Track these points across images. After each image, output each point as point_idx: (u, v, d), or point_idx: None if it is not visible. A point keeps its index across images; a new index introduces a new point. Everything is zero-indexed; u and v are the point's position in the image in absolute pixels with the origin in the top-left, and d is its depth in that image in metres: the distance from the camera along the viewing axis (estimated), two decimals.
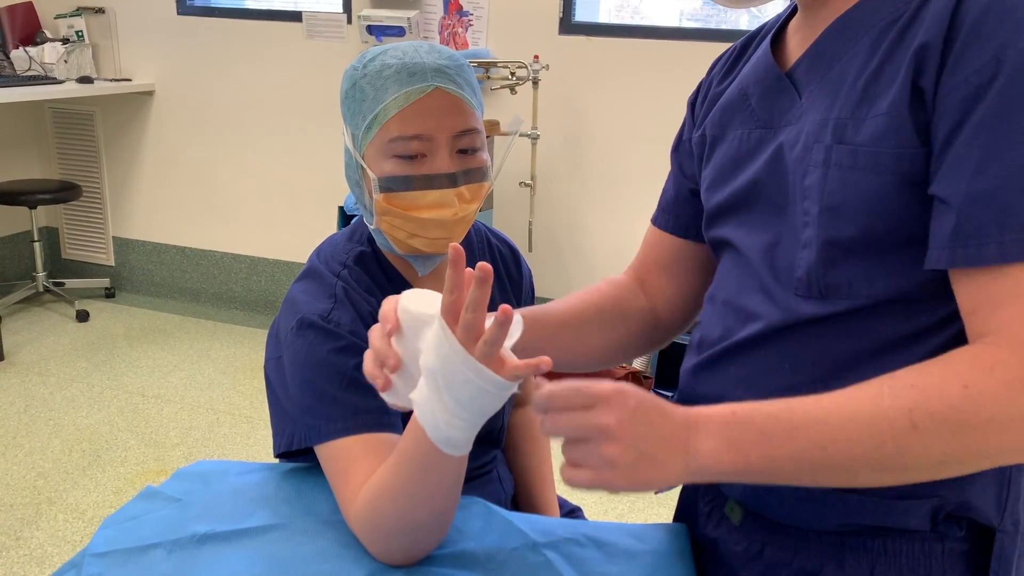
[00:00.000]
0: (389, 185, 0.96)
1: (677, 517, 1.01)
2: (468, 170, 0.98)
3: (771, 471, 0.68)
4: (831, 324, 0.76)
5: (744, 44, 0.95)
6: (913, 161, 0.69)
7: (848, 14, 0.78)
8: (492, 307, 0.73)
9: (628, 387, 0.69)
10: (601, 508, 2.53)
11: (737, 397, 0.74)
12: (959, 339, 0.70)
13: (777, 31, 0.89)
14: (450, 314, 0.71)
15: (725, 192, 0.89)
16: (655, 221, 1.07)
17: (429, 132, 0.95)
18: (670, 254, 1.04)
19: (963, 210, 0.66)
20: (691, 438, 0.69)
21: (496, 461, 1.19)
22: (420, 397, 0.76)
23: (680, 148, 1.03)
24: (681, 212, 1.03)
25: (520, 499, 1.24)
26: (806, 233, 0.77)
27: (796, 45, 0.85)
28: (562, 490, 1.49)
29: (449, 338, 0.70)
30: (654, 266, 1.06)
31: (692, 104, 1.01)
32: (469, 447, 0.78)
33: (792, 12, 0.89)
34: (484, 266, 0.67)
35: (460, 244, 1.04)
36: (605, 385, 0.68)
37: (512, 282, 1.18)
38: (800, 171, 0.78)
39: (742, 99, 0.88)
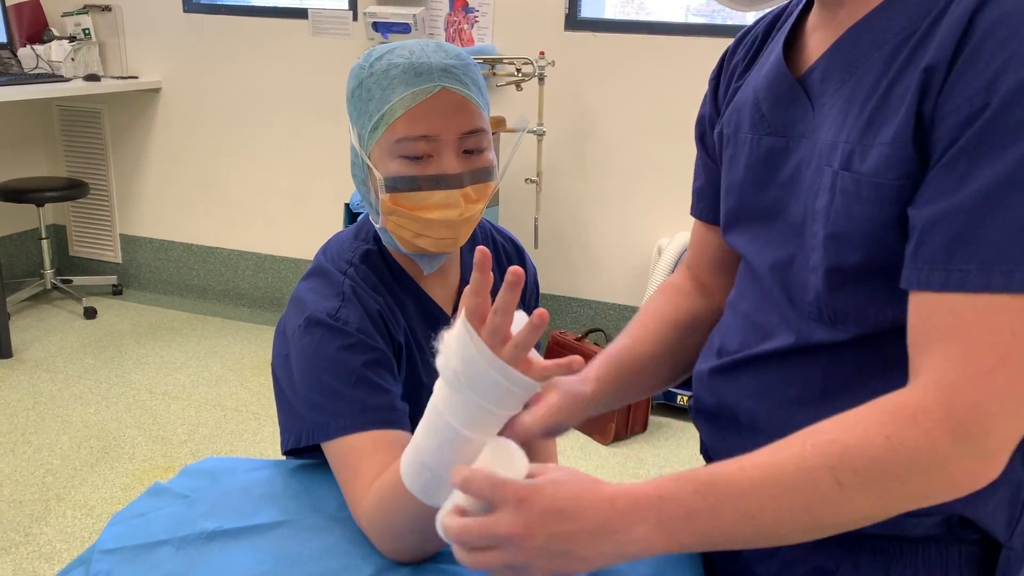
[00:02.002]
0: (395, 185, 0.96)
1: None
2: (474, 170, 0.98)
3: (705, 545, 0.68)
4: (843, 348, 0.76)
5: (767, 30, 0.91)
6: (915, 192, 0.68)
7: (863, 23, 0.75)
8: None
9: (541, 487, 0.67)
10: None
11: (748, 407, 0.73)
12: None
13: (794, 25, 0.86)
14: (475, 316, 0.70)
15: (739, 201, 0.88)
16: (693, 211, 1.03)
17: (436, 132, 0.95)
18: (720, 247, 0.99)
19: (922, 234, 0.66)
20: (620, 528, 0.67)
21: None
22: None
23: (704, 130, 0.99)
24: (718, 198, 0.97)
25: None
26: (814, 257, 0.76)
27: (814, 47, 0.81)
28: None
29: (476, 341, 0.70)
30: (708, 264, 1.03)
31: (715, 82, 0.97)
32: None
33: (809, 3, 0.85)
34: (515, 269, 0.67)
35: (468, 236, 1.05)
36: (512, 487, 0.67)
37: None
38: (813, 192, 0.76)
39: (754, 103, 0.86)
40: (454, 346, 0.72)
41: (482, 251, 0.69)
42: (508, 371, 0.70)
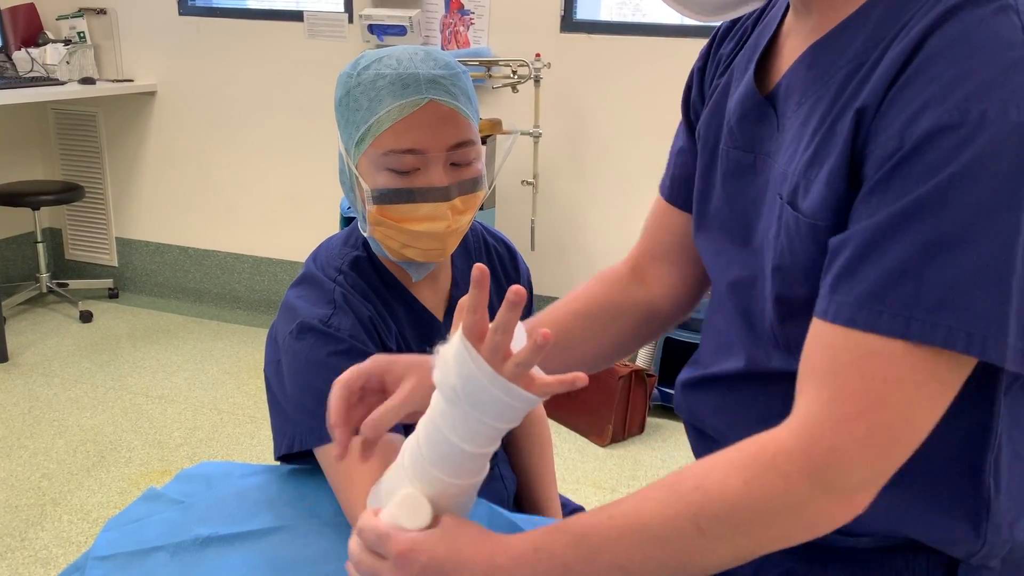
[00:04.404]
0: (382, 197, 0.96)
1: None
2: (462, 182, 0.98)
3: None
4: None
5: (754, 25, 0.88)
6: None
7: (824, 42, 0.73)
8: (490, 307, 0.72)
9: (422, 542, 0.69)
10: None
11: (714, 424, 0.74)
12: None
13: (772, 37, 0.84)
14: (473, 333, 0.70)
15: (710, 208, 0.87)
16: (663, 190, 1.01)
17: (423, 146, 0.94)
18: (679, 233, 0.98)
19: (828, 261, 0.66)
20: None
21: (498, 460, 1.19)
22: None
23: (688, 107, 0.96)
24: (688, 175, 0.95)
25: (522, 498, 1.24)
26: (766, 286, 0.76)
27: (784, 57, 0.80)
28: (563, 489, 1.49)
29: (475, 358, 0.69)
30: (657, 253, 1.01)
31: (704, 59, 0.94)
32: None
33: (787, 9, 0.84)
34: (517, 289, 0.67)
35: (456, 246, 1.04)
36: (396, 541, 0.69)
37: (510, 281, 1.18)
38: (769, 219, 0.76)
39: (726, 114, 0.85)
40: (452, 362, 0.71)
41: (480, 268, 0.69)
42: (510, 388, 0.69)
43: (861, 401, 0.63)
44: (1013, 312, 0.60)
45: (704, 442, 0.88)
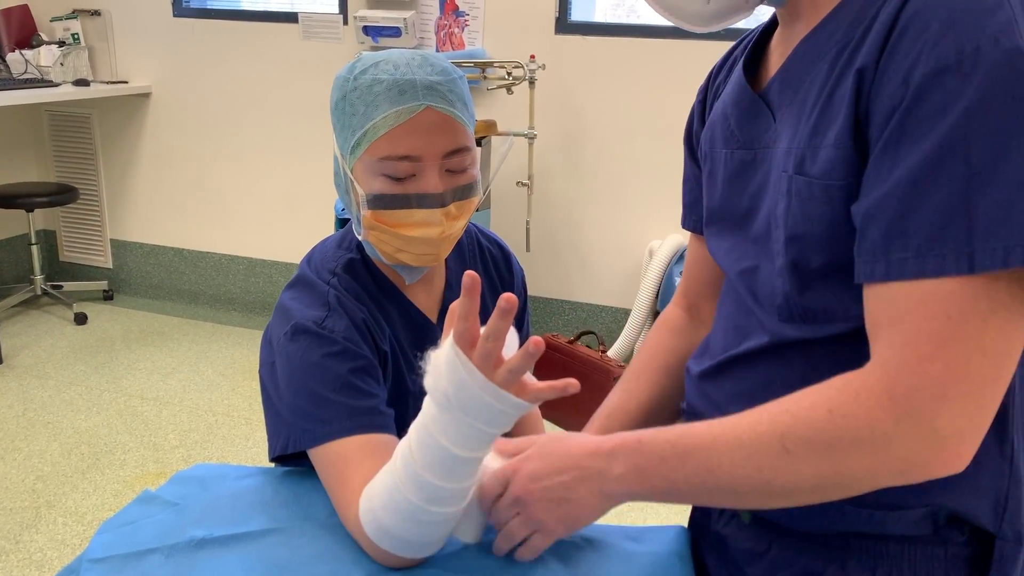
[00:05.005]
0: (377, 203, 0.96)
1: (693, 512, 1.02)
2: (457, 188, 0.98)
3: (672, 492, 0.76)
4: (817, 346, 0.77)
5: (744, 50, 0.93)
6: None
7: (811, 36, 0.77)
8: (483, 309, 0.72)
9: (531, 471, 0.80)
10: None
11: (733, 410, 0.74)
12: None
13: (760, 43, 0.88)
14: (464, 340, 0.70)
15: (718, 213, 0.90)
16: (684, 224, 1.05)
17: (418, 152, 0.94)
18: (711, 266, 1.02)
19: (862, 228, 0.68)
20: (603, 468, 0.77)
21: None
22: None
23: (691, 139, 1.01)
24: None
25: None
26: (779, 261, 0.78)
27: (774, 61, 0.84)
28: None
29: (466, 365, 0.70)
30: (703, 288, 1.05)
31: (703, 98, 0.99)
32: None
33: (775, 23, 0.88)
34: (508, 297, 0.67)
35: (450, 251, 1.04)
36: (517, 483, 0.80)
37: (503, 283, 1.19)
38: (774, 199, 0.78)
39: (724, 119, 0.88)
40: (443, 369, 0.71)
41: (471, 276, 0.69)
42: (501, 395, 0.69)
43: (932, 342, 0.64)
44: None
45: None
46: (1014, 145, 0.62)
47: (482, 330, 0.70)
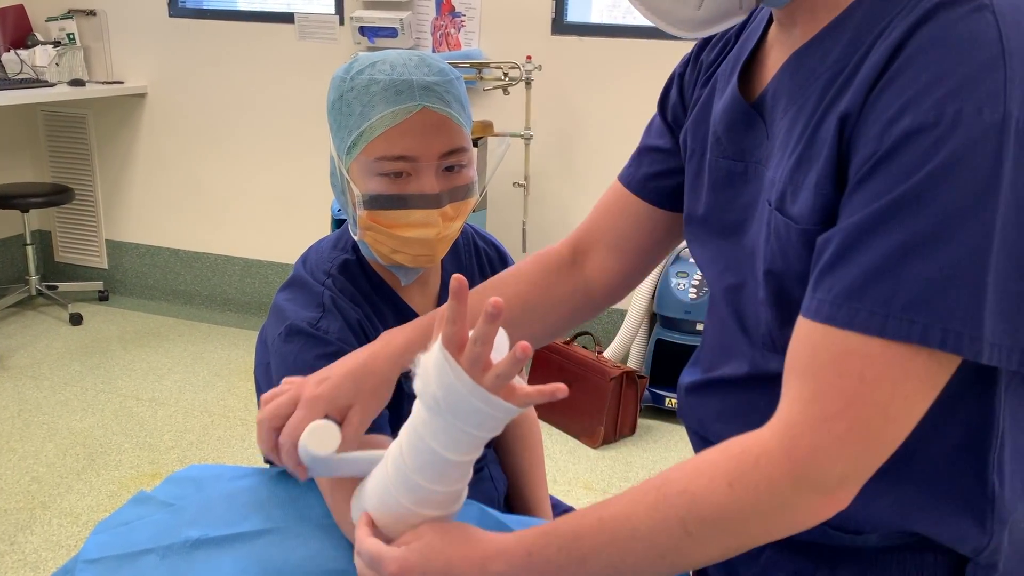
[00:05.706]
0: (373, 203, 0.96)
1: None
2: (453, 188, 0.98)
3: None
4: None
5: (738, 35, 0.88)
6: None
7: (807, 48, 0.73)
8: None
9: (413, 560, 0.73)
10: None
11: (716, 430, 0.75)
12: None
13: (755, 46, 0.84)
14: (452, 344, 0.70)
15: (705, 215, 0.87)
16: (628, 181, 0.99)
17: (415, 153, 0.94)
18: (628, 225, 0.97)
19: (814, 260, 0.67)
20: None
21: (487, 460, 1.19)
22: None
23: (665, 110, 0.96)
24: (665, 178, 0.94)
25: (513, 499, 1.24)
26: (760, 291, 0.76)
27: (769, 66, 0.80)
28: (554, 490, 1.49)
29: (455, 369, 0.70)
30: (604, 239, 0.99)
31: (681, 77, 0.95)
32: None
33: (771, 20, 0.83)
34: (496, 302, 0.67)
35: (446, 252, 1.04)
36: (392, 560, 0.73)
37: None
38: (760, 224, 0.76)
39: (712, 124, 0.85)
40: (432, 372, 0.71)
41: (458, 279, 0.69)
42: (490, 399, 0.70)
43: (839, 400, 0.64)
44: (988, 309, 0.61)
45: (708, 446, 0.88)
46: (963, 224, 0.60)
47: (470, 335, 0.70)
